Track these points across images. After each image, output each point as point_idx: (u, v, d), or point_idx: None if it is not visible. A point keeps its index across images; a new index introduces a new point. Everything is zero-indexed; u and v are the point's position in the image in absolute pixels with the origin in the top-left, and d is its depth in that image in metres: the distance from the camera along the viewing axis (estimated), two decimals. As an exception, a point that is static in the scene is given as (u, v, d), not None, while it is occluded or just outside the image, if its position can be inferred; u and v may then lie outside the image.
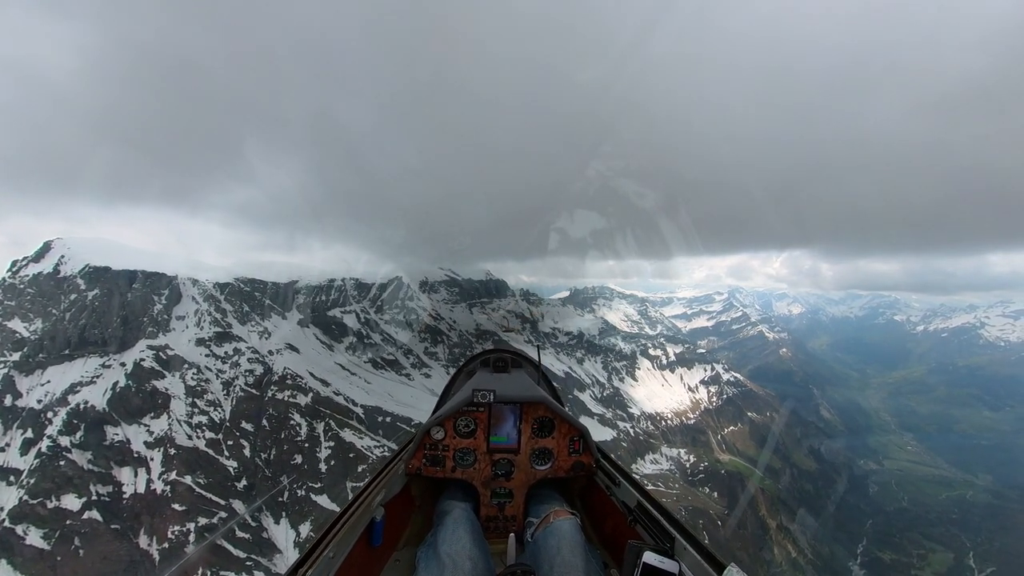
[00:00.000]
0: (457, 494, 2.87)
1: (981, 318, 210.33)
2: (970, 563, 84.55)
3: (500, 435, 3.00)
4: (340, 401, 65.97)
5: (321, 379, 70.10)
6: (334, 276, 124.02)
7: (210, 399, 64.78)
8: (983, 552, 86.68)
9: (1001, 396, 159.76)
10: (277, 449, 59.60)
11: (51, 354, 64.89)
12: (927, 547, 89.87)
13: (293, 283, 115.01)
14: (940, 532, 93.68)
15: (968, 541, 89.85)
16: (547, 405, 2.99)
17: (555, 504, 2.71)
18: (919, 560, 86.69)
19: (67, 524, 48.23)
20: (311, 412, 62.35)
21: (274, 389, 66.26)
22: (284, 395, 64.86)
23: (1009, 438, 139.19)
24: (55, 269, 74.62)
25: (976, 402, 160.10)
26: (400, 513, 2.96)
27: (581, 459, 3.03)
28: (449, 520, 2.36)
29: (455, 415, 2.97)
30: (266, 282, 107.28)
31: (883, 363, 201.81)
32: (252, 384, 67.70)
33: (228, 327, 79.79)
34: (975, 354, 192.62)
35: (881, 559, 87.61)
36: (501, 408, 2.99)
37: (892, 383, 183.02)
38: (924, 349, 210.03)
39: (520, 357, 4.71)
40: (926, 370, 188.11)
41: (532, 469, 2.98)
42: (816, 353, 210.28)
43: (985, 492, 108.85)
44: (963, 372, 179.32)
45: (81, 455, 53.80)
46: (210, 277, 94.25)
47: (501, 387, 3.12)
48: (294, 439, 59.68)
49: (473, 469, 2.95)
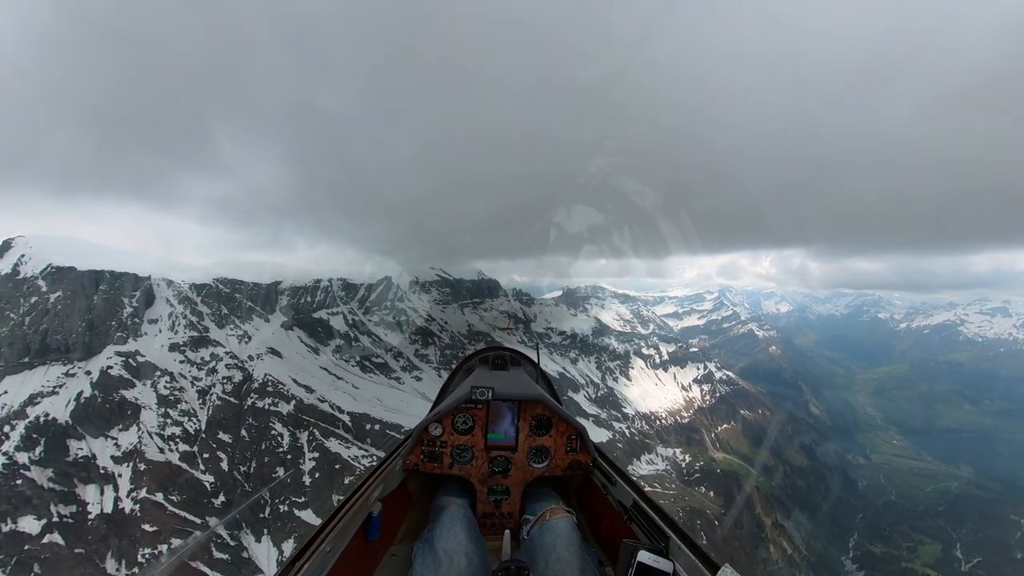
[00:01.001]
0: (454, 490, 2.89)
1: (960, 315, 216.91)
2: (957, 554, 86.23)
3: (498, 432, 3.00)
4: (325, 408, 62.61)
5: (305, 385, 66.51)
6: (320, 276, 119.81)
7: (184, 409, 60.81)
8: (969, 543, 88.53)
9: (980, 391, 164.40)
10: (257, 461, 56.13)
11: (9, 362, 59.99)
12: (916, 539, 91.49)
13: (276, 283, 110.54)
14: (928, 524, 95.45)
15: (954, 532, 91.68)
16: (545, 403, 3.00)
17: (551, 502, 2.74)
18: (908, 553, 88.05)
19: (25, 549, 44.18)
20: (294, 421, 58.89)
21: (254, 397, 62.54)
22: (265, 403, 61.23)
23: (989, 431, 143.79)
24: (14, 269, 69.22)
25: (957, 397, 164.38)
26: (397, 508, 2.97)
27: (578, 458, 3.04)
28: (446, 516, 2.36)
29: (453, 412, 2.97)
30: (247, 283, 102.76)
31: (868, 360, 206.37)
32: (230, 392, 63.86)
33: (205, 331, 75.46)
34: (955, 350, 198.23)
35: (872, 552, 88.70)
36: (499, 406, 2.99)
37: (877, 379, 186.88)
38: (907, 346, 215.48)
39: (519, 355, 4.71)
40: (909, 366, 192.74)
41: (529, 467, 2.99)
42: (804, 350, 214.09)
43: (968, 484, 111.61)
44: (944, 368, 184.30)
45: (41, 472, 49.53)
46: (186, 278, 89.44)
47: (499, 385, 3.10)
48: (276, 450, 56.26)
49: (470, 466, 2.96)
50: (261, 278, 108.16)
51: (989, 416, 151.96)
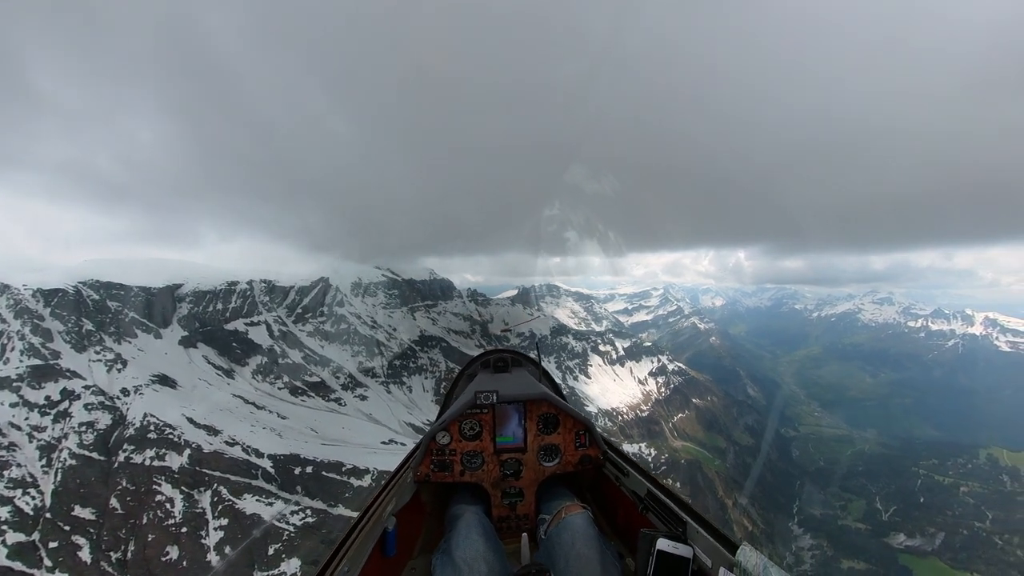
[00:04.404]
0: (467, 497, 2.89)
1: (858, 305, 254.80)
2: (878, 506, 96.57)
3: (506, 435, 3.01)
4: (236, 454, 47.73)
5: (206, 425, 50.38)
6: (236, 277, 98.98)
7: (16, 477, 42.49)
8: (885, 495, 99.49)
9: (877, 366, 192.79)
10: (137, 543, 40.44)
11: None
12: (845, 498, 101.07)
13: (174, 287, 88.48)
14: (852, 484, 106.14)
15: (873, 487, 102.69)
16: (550, 401, 3.02)
17: (566, 499, 2.73)
18: (842, 511, 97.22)
19: None
20: (189, 478, 43.64)
21: (129, 449, 45.64)
22: (145, 457, 44.82)
23: (885, 398, 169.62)
24: None
25: (859, 372, 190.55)
26: (412, 521, 2.95)
27: (588, 452, 3.05)
28: (461, 524, 2.34)
29: (459, 419, 2.98)
30: (132, 287, 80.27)
31: (788, 345, 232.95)
32: (92, 445, 46.14)
33: (54, 357, 54.99)
34: (855, 334, 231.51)
35: (813, 515, 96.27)
36: (505, 408, 3.00)
37: (797, 361, 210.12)
38: (818, 332, 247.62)
39: (520, 356, 4.68)
40: (821, 349, 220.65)
41: (540, 466, 3.00)
42: (738, 339, 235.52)
43: (876, 444, 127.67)
44: (848, 348, 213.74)
45: None
46: (31, 281, 66.14)
47: (503, 387, 3.11)
48: (164, 523, 40.99)
49: (481, 471, 2.96)
50: (153, 280, 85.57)
51: (884, 386, 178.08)
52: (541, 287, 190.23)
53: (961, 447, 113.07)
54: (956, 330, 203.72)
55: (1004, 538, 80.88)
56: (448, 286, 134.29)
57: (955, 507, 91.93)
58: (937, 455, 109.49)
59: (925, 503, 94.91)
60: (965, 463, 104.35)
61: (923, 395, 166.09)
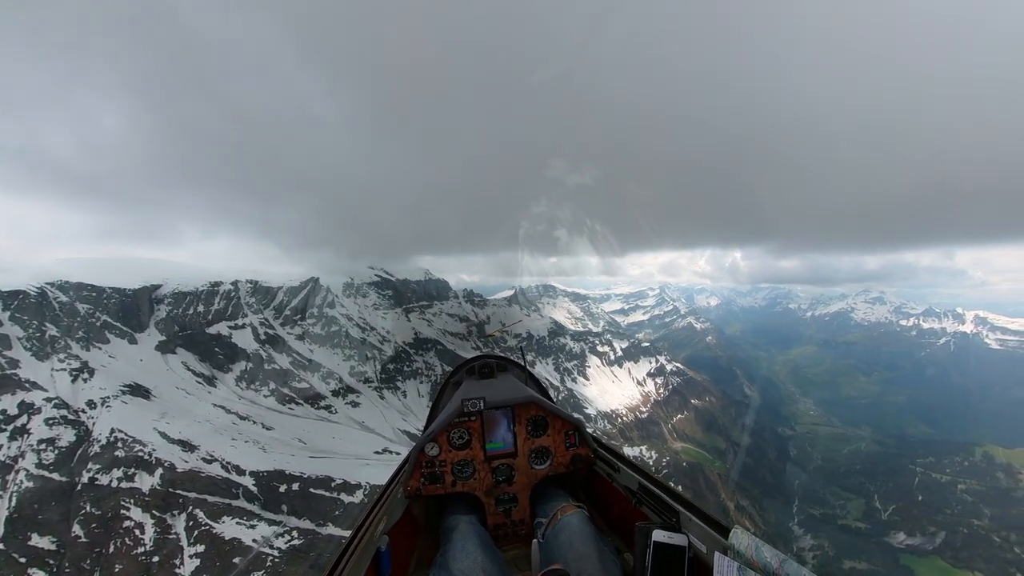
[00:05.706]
0: (461, 508, 2.85)
1: (851, 304, 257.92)
2: (877, 505, 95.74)
3: (496, 441, 2.99)
4: (214, 472, 43.64)
5: (181, 440, 46.08)
6: (219, 277, 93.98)
7: (-38, 500, 37.98)
8: (883, 493, 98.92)
9: (869, 364, 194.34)
10: (103, 572, 36.38)
11: None
12: (844, 497, 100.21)
13: (152, 288, 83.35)
14: (850, 482, 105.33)
15: (871, 486, 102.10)
16: (538, 404, 3.01)
17: (561, 500, 2.74)
18: (841, 510, 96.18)
19: None
20: (161, 500, 39.57)
21: (94, 469, 41.33)
22: (112, 477, 40.55)
23: (878, 396, 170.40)
24: None
25: (853, 370, 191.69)
26: (405, 538, 2.90)
27: (579, 452, 3.06)
28: (456, 536, 2.32)
29: (447, 428, 2.94)
30: (104, 288, 75.13)
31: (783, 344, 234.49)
32: (52, 464, 41.70)
33: (12, 366, 50.15)
34: (848, 332, 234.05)
35: (813, 515, 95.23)
36: (493, 414, 2.98)
37: (791, 360, 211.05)
38: (812, 331, 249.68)
39: (505, 361, 4.67)
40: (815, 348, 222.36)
41: (532, 470, 2.99)
42: (733, 339, 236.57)
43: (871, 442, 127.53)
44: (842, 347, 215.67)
45: None
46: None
47: (490, 393, 3.09)
48: (133, 551, 36.92)
49: (473, 480, 2.94)
50: (129, 281, 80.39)
51: (877, 384, 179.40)
52: (538, 287, 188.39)
53: (957, 445, 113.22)
54: (947, 328, 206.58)
55: (1002, 535, 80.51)
56: (443, 286, 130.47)
57: (953, 505, 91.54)
58: (933, 453, 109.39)
59: (923, 501, 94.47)
60: (962, 461, 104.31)
61: (916, 393, 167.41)
